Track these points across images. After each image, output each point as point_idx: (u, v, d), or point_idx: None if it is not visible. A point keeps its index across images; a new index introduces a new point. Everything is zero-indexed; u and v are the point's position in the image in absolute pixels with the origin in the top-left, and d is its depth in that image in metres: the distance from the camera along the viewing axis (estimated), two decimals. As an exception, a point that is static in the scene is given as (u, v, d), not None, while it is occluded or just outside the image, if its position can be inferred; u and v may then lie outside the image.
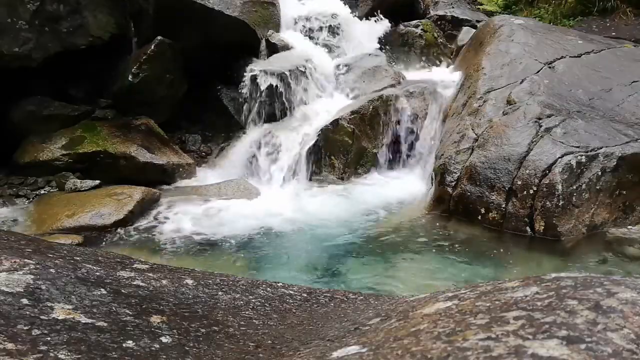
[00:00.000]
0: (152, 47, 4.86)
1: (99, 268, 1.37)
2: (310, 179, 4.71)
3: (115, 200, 4.00)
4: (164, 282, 1.38)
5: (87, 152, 4.46)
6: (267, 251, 3.58)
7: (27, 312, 1.04)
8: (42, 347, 0.94)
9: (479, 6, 7.39)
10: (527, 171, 3.73)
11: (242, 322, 1.23)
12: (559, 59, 4.72)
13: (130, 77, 4.79)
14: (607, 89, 4.43)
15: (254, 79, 5.01)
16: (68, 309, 1.10)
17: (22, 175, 4.44)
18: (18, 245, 1.43)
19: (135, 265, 1.50)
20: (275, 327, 1.23)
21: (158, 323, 1.13)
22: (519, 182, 3.73)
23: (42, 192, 4.29)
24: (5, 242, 1.44)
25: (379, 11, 6.29)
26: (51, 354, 0.92)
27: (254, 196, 4.41)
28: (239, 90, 5.15)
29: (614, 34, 6.20)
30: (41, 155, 4.44)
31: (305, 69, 5.12)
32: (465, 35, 6.33)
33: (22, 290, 1.11)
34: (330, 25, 5.88)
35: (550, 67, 4.61)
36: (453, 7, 6.95)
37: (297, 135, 4.86)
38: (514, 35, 5.07)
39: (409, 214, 4.13)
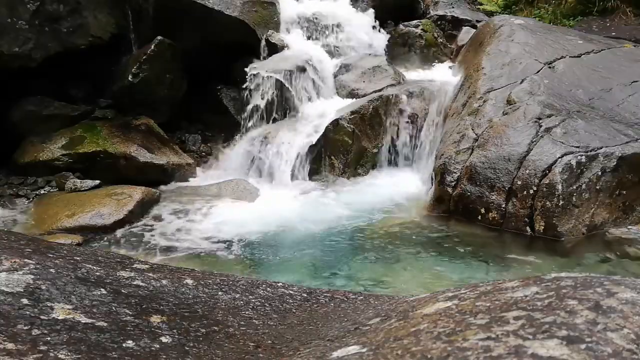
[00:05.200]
0: (152, 47, 4.86)
1: (99, 268, 1.37)
2: (310, 179, 4.71)
3: (115, 200, 4.00)
4: (164, 282, 1.38)
5: (87, 152, 4.46)
6: (267, 251, 3.58)
7: (27, 312, 1.04)
8: (42, 347, 0.94)
9: (479, 6, 7.39)
10: (527, 171, 3.73)
11: (242, 322, 1.23)
12: (559, 59, 4.71)
13: (130, 77, 4.79)
14: (607, 89, 4.43)
15: (253, 79, 5.01)
16: (68, 309, 1.10)
17: (22, 175, 4.44)
18: (18, 245, 1.43)
19: (135, 265, 1.50)
20: (275, 327, 1.23)
21: (158, 323, 1.13)
22: (519, 182, 3.73)
23: (42, 192, 4.29)
24: (5, 242, 1.45)
25: (379, 11, 6.28)
26: (51, 354, 0.92)
27: (253, 196, 4.41)
28: (239, 90, 5.15)
29: (614, 34, 6.20)
30: (41, 155, 4.44)
31: (305, 69, 5.12)
32: (465, 35, 6.33)
33: (22, 290, 1.11)
34: (331, 25, 5.88)
35: (550, 67, 4.61)
36: (453, 7, 6.94)
37: (297, 135, 4.85)
38: (514, 35, 5.07)
39: (409, 214, 4.13)
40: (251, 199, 4.36)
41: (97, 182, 4.26)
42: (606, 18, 6.70)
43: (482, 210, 3.84)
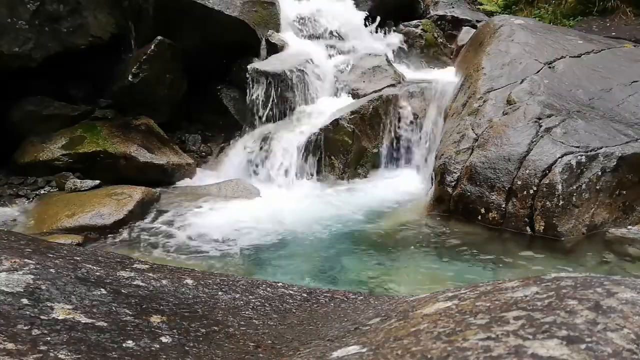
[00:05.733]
0: (152, 47, 4.86)
1: (99, 268, 1.37)
2: (310, 179, 4.71)
3: (115, 200, 4.00)
4: (164, 282, 1.38)
5: (87, 152, 4.46)
6: (267, 251, 3.58)
7: (27, 312, 1.04)
8: (42, 347, 0.94)
9: (479, 6, 7.40)
10: (527, 171, 3.73)
11: (242, 322, 1.23)
12: (559, 59, 4.71)
13: (130, 77, 4.79)
14: (607, 89, 4.43)
15: (253, 79, 5.01)
16: (68, 309, 1.10)
17: (22, 175, 4.44)
18: (18, 245, 1.43)
19: (135, 265, 1.50)
20: (275, 327, 1.23)
21: (158, 323, 1.13)
22: (519, 182, 3.73)
23: (42, 192, 4.29)
24: (5, 242, 1.45)
25: (379, 11, 6.28)
26: (51, 354, 0.92)
27: (253, 196, 4.41)
28: (239, 90, 5.15)
29: (614, 34, 6.20)
30: (41, 155, 4.44)
31: (305, 68, 5.12)
32: (465, 35, 6.33)
33: (22, 290, 1.11)
34: (331, 25, 5.88)
35: (550, 67, 4.61)
36: (453, 7, 6.95)
37: (297, 135, 4.85)
38: (514, 35, 5.07)
39: (409, 214, 4.13)
40: (251, 199, 4.36)
41: (97, 182, 4.26)
42: (606, 18, 6.71)
43: (482, 210, 3.84)
